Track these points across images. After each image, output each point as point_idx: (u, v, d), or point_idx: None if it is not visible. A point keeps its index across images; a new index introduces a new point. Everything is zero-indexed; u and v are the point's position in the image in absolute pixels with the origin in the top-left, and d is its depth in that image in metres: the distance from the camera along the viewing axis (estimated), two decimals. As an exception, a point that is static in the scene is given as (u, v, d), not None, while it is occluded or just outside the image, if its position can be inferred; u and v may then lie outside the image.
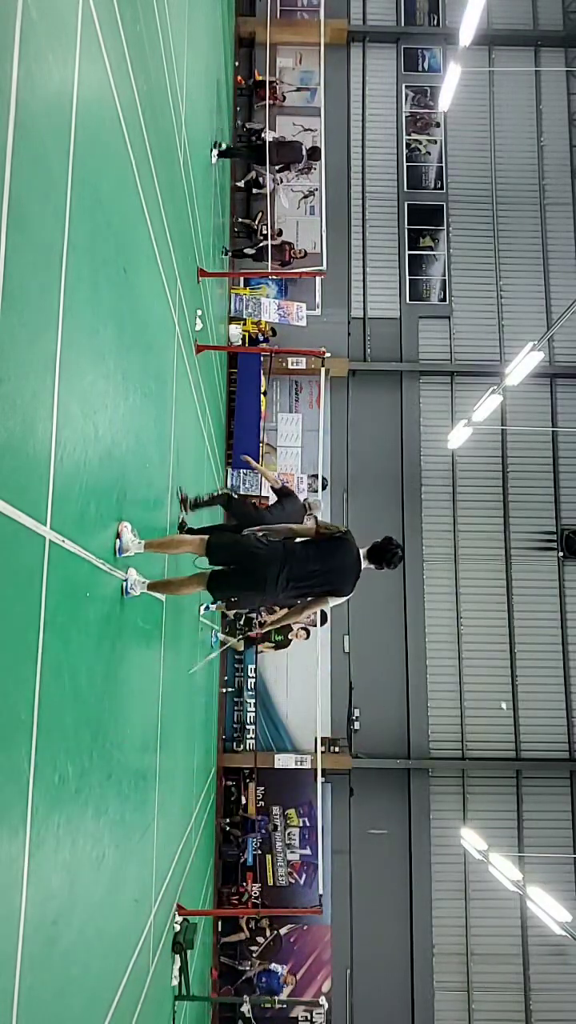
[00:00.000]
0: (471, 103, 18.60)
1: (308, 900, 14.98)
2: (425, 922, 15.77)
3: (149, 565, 4.65)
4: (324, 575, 4.65)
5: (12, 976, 2.37)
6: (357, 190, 18.67)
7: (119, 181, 3.91)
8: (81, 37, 3.02)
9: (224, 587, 4.74)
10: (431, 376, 18.08)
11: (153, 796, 5.38)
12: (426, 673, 16.80)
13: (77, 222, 2.95)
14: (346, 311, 18.06)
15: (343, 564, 4.69)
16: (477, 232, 18.65)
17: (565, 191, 18.75)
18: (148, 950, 5.31)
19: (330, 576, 4.67)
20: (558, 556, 17.29)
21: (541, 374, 16.28)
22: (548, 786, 16.45)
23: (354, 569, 4.74)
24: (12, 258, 2.22)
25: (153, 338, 5.18)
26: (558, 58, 19.21)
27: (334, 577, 4.69)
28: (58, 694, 2.83)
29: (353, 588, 4.83)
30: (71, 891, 3.03)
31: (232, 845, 15.41)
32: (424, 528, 17.41)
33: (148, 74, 4.78)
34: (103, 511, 3.59)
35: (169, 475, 6.07)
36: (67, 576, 2.95)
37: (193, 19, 7.81)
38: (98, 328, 3.44)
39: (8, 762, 2.32)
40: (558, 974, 15.61)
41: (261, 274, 16.00)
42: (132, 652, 4.50)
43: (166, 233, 5.69)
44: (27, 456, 2.47)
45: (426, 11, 19.44)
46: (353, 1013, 15.27)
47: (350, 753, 16.09)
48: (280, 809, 15.81)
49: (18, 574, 2.41)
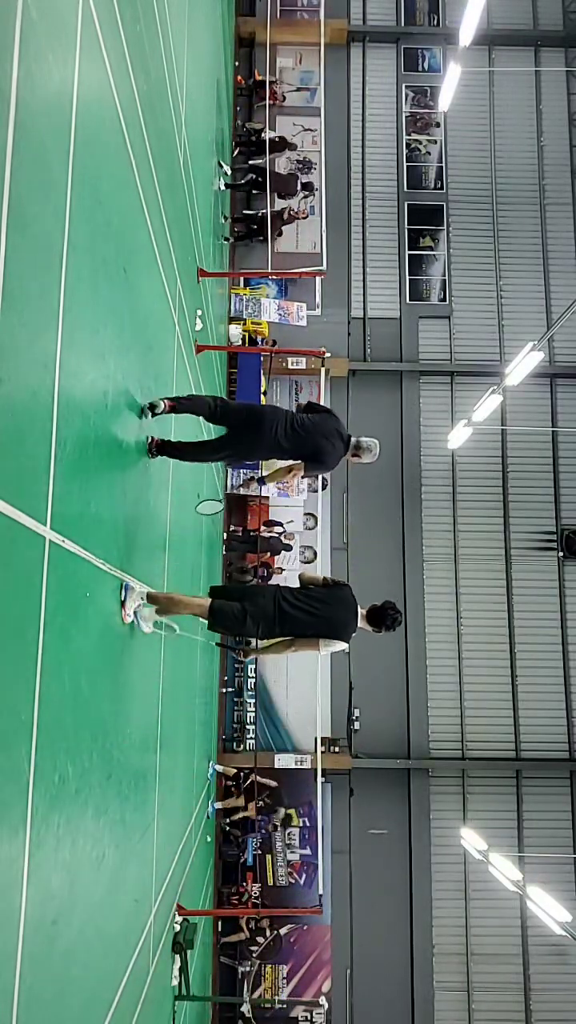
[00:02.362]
0: (471, 103, 18.59)
1: (308, 900, 14.97)
2: (425, 922, 15.77)
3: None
4: (320, 617, 4.73)
5: (12, 976, 2.37)
6: (357, 190, 18.67)
7: (119, 181, 3.90)
8: (81, 37, 3.02)
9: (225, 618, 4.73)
10: (431, 376, 18.08)
11: (153, 796, 5.38)
12: (426, 673, 16.80)
13: (77, 222, 2.95)
14: (346, 311, 18.05)
15: (342, 612, 4.81)
16: (477, 232, 18.65)
17: (565, 191, 18.75)
18: (148, 950, 5.31)
19: (328, 620, 4.76)
20: (558, 556, 17.29)
21: (541, 374, 16.28)
22: (548, 786, 16.45)
23: (351, 620, 4.83)
24: (12, 258, 2.22)
25: (153, 338, 5.18)
26: (558, 58, 19.21)
27: (330, 621, 4.78)
28: (58, 694, 2.83)
29: (348, 639, 4.89)
30: (71, 891, 3.03)
31: (232, 845, 15.40)
32: (424, 528, 17.40)
33: (148, 74, 4.78)
34: (103, 511, 3.59)
35: (169, 474, 6.06)
36: (67, 576, 2.95)
37: (193, 19, 7.81)
38: (98, 328, 3.44)
39: (8, 762, 2.32)
40: (558, 974, 15.61)
41: (261, 274, 16.00)
42: (132, 652, 4.50)
43: (166, 233, 5.69)
44: (27, 456, 2.47)
45: (426, 11, 19.44)
46: (353, 1013, 15.27)
47: (350, 753, 16.09)
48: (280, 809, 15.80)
49: (18, 574, 2.41)
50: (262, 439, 5.03)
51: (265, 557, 16.07)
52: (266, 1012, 14.54)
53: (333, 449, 5.21)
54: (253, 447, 5.17)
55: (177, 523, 6.70)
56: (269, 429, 5.00)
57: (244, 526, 16.58)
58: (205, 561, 10.52)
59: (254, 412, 5.21)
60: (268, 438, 5.01)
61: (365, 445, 5.32)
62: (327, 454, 5.20)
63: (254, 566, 15.89)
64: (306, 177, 17.81)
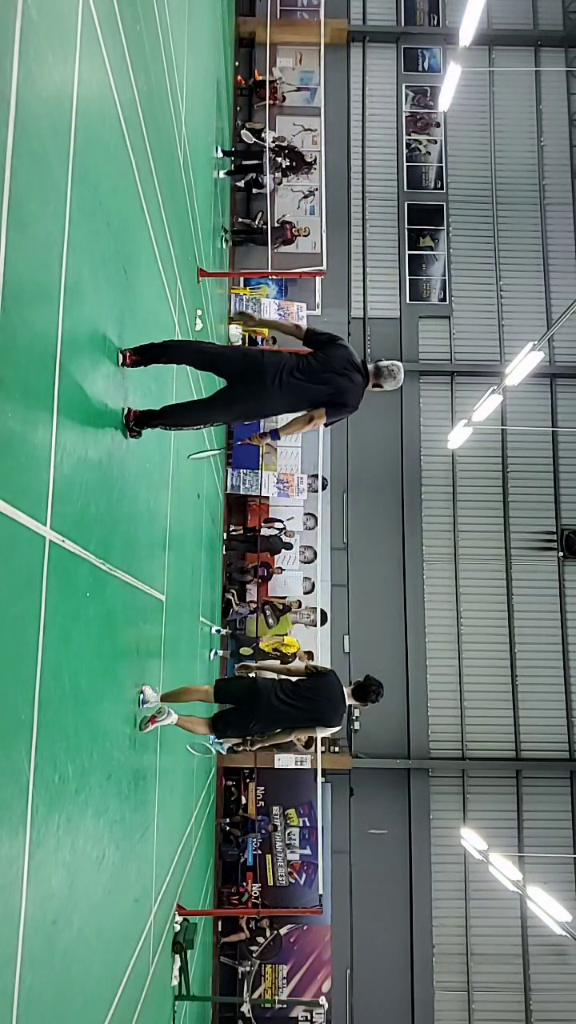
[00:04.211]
0: (471, 103, 18.59)
1: (308, 900, 14.97)
2: (425, 922, 15.77)
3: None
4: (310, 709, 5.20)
5: (12, 975, 2.37)
6: (357, 190, 18.67)
7: (119, 181, 3.91)
8: (81, 37, 3.02)
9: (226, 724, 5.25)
10: (431, 376, 18.08)
11: (153, 796, 5.38)
12: (426, 673, 16.80)
13: (77, 222, 2.95)
14: (346, 311, 18.05)
15: (329, 700, 5.24)
16: (477, 232, 18.65)
17: (565, 191, 18.75)
18: (148, 950, 5.31)
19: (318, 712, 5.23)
20: (558, 556, 17.29)
21: (541, 374, 16.28)
22: (548, 786, 16.45)
23: (339, 706, 5.27)
24: (12, 258, 2.22)
25: (153, 338, 5.17)
26: (558, 58, 19.21)
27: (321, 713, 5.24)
28: (58, 694, 2.83)
29: (340, 722, 5.37)
30: (71, 891, 3.03)
31: (232, 845, 15.40)
32: (424, 528, 17.40)
33: (148, 74, 4.78)
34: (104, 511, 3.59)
35: (169, 473, 6.06)
36: (67, 576, 2.95)
37: (193, 19, 7.81)
38: (98, 328, 3.44)
39: (8, 762, 2.32)
40: (558, 974, 15.61)
41: (261, 274, 16.00)
42: (133, 652, 4.50)
43: (166, 233, 5.70)
44: (27, 456, 2.47)
45: (426, 11, 19.44)
46: (353, 1013, 15.27)
47: (350, 753, 16.09)
48: (280, 809, 15.80)
49: (18, 574, 2.41)
50: (264, 390, 4.31)
51: (265, 557, 16.08)
52: (266, 1012, 14.54)
53: (352, 384, 4.50)
54: (257, 401, 4.38)
55: (177, 522, 6.70)
56: (273, 379, 4.29)
57: (244, 525, 16.58)
58: (205, 561, 10.52)
59: (251, 357, 4.43)
60: (272, 389, 4.31)
61: (387, 370, 4.60)
62: (346, 392, 4.49)
63: (254, 566, 15.89)
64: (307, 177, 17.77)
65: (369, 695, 5.36)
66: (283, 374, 4.31)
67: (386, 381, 4.62)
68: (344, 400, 4.52)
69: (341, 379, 4.44)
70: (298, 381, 4.34)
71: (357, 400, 4.59)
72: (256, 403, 4.40)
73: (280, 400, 4.40)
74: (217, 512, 13.81)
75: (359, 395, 4.58)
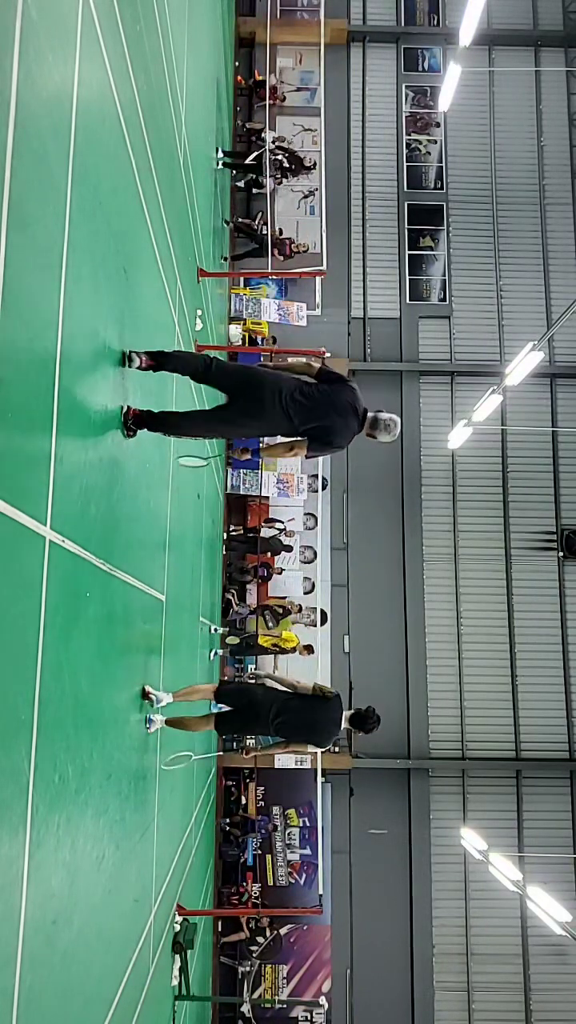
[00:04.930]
0: (471, 103, 18.60)
1: (308, 900, 14.97)
2: (425, 922, 15.77)
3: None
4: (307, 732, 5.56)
5: (12, 975, 2.37)
6: (357, 190, 18.68)
7: (119, 181, 3.90)
8: (81, 37, 3.02)
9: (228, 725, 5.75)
10: (431, 376, 18.08)
11: (153, 796, 5.38)
12: (426, 673, 16.80)
13: (77, 222, 2.95)
14: (346, 311, 18.06)
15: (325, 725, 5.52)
16: (477, 232, 18.65)
17: (565, 191, 18.75)
18: (148, 950, 5.31)
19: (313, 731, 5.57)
20: (558, 556, 17.29)
21: (541, 374, 16.28)
22: (548, 786, 16.45)
23: (335, 730, 5.56)
24: (12, 258, 2.22)
25: (153, 338, 5.17)
26: (558, 58, 19.21)
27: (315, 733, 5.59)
28: (58, 694, 2.83)
29: (329, 743, 5.73)
30: (71, 891, 3.03)
31: (232, 845, 15.40)
32: (424, 528, 17.40)
33: (148, 74, 4.78)
34: (104, 511, 3.59)
35: (169, 473, 6.07)
36: (67, 576, 2.95)
37: (193, 19, 7.81)
38: (98, 328, 3.44)
39: (8, 762, 2.32)
40: (558, 974, 15.61)
41: (261, 274, 16.00)
42: (133, 652, 4.50)
43: (166, 233, 5.70)
44: (27, 456, 2.47)
45: (426, 11, 19.44)
46: (353, 1013, 15.27)
47: (350, 753, 16.08)
48: (280, 809, 15.80)
49: (18, 574, 2.41)
50: (264, 408, 4.30)
51: (265, 557, 16.08)
52: (266, 1012, 14.55)
53: (345, 427, 4.49)
54: (254, 417, 4.38)
55: (177, 523, 6.70)
56: (272, 397, 4.28)
57: (244, 526, 16.58)
58: (205, 561, 10.52)
59: (253, 374, 4.42)
60: (271, 407, 4.29)
61: (383, 423, 4.57)
62: (336, 433, 4.48)
63: (254, 566, 15.89)
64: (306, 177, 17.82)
65: (366, 725, 5.59)
66: (283, 396, 4.31)
67: (380, 434, 4.61)
68: (331, 439, 4.53)
69: (338, 419, 4.45)
70: (298, 404, 4.35)
71: (345, 443, 4.61)
72: (253, 422, 4.44)
73: (277, 421, 4.41)
74: (217, 512, 13.82)
75: (349, 439, 4.60)
